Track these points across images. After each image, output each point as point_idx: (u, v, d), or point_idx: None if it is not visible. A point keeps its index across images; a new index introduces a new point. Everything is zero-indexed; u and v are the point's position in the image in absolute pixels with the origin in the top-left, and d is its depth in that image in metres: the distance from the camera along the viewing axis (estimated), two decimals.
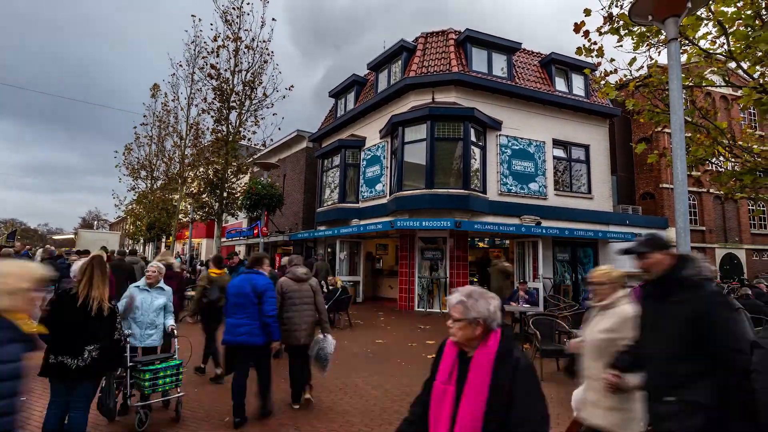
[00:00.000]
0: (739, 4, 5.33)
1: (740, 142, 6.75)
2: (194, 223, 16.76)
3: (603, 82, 6.96)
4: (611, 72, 6.86)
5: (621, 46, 6.41)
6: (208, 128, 14.37)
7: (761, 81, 5.78)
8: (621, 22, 6.11)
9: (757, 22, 5.35)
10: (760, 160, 6.35)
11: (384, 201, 13.77)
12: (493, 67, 13.98)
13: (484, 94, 13.48)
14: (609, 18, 6.22)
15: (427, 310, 12.56)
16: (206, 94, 13.19)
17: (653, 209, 17.83)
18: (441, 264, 12.81)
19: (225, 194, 13.32)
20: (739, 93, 5.88)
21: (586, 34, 6.30)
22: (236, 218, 16.74)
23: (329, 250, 16.44)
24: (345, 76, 15.34)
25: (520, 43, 14.46)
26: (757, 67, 5.81)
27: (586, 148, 15.09)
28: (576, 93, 15.17)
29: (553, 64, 15.09)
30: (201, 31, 17.93)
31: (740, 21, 5.42)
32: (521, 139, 13.78)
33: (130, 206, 24.27)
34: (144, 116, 19.94)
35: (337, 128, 17.42)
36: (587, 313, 2.98)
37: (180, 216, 17.98)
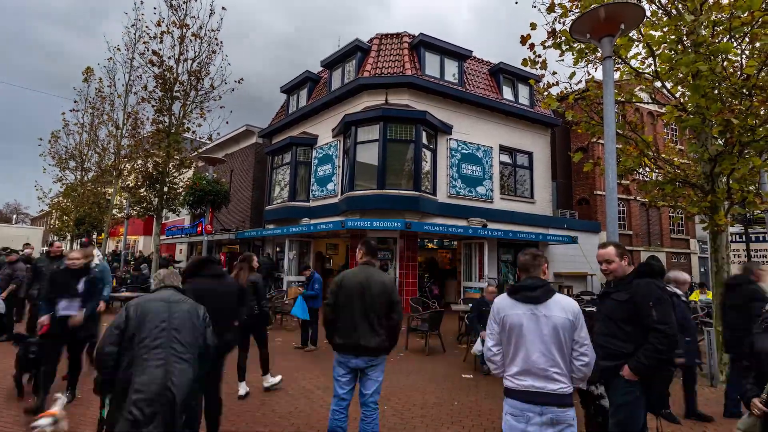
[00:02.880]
0: (665, 29, 5.85)
1: (663, 155, 7.39)
2: (130, 219, 15.65)
3: (546, 94, 7.35)
4: (553, 84, 7.27)
5: (562, 60, 6.83)
6: (148, 118, 13.44)
7: (682, 100, 6.38)
8: (563, 38, 6.49)
9: (679, 46, 5.90)
10: (679, 171, 7.00)
11: (335, 200, 13.66)
12: (445, 72, 14.33)
13: (436, 98, 13.78)
14: (552, 33, 6.59)
15: None
16: (147, 81, 12.33)
17: (588, 214, 19.12)
18: (391, 264, 12.91)
19: (165, 189, 12.55)
20: (663, 110, 6.45)
21: (532, 46, 6.63)
22: (178, 215, 15.84)
23: (278, 249, 16.04)
24: None
25: (471, 51, 14.94)
26: (679, 87, 6.41)
27: (530, 155, 15.88)
28: (522, 102, 15.93)
29: (501, 74, 15.74)
30: (143, 14, 16.73)
31: (665, 45, 5.96)
32: (470, 143, 14.23)
33: (56, 199, 22.16)
34: (75, 102, 18.29)
35: (289, 125, 17.05)
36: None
37: (114, 211, 16.71)
